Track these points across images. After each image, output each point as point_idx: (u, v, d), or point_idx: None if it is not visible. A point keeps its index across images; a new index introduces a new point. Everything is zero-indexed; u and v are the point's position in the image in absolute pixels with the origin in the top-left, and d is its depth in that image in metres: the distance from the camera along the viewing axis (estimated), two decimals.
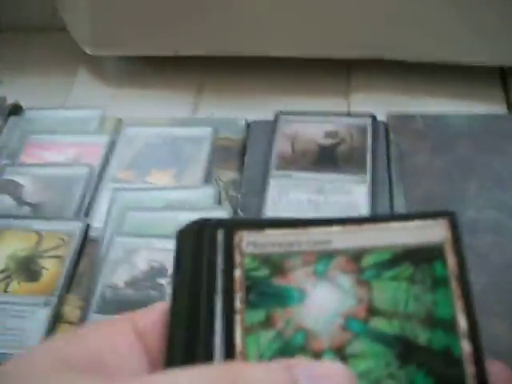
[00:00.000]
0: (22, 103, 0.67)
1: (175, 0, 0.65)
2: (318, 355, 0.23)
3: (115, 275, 0.52)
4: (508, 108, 0.63)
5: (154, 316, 0.25)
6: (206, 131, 0.60)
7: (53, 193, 0.58)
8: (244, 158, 0.58)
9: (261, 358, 0.23)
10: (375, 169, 0.55)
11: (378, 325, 0.23)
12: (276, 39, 0.66)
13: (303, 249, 0.24)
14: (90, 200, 0.57)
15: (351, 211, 0.53)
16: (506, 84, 0.65)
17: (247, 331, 0.23)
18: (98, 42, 0.69)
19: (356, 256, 0.24)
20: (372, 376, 0.22)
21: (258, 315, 0.23)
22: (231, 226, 0.25)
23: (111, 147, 0.61)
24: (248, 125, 0.61)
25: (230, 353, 0.23)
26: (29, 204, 0.58)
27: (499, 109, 0.63)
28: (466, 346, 0.22)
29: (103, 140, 0.61)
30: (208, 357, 0.23)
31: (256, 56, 0.66)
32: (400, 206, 0.53)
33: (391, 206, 0.53)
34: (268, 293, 0.24)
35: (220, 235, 0.25)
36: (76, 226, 0.55)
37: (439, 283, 0.23)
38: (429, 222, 0.24)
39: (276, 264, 0.24)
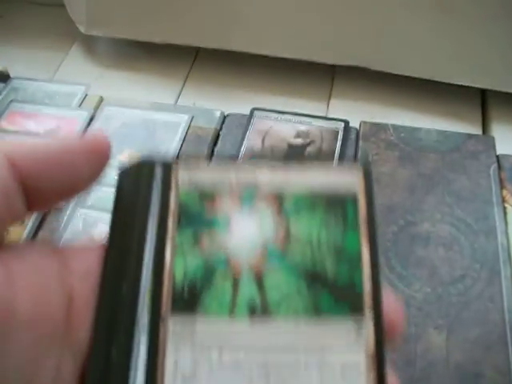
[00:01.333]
0: (12, 72, 0.69)
1: None
2: (236, 277, 0.25)
3: None
4: (483, 130, 0.64)
5: (88, 256, 0.26)
6: (182, 118, 0.61)
7: None
8: (214, 147, 0.59)
9: (186, 274, 0.25)
10: None
11: (292, 251, 0.25)
12: (266, 38, 0.67)
13: (232, 181, 0.26)
14: None
15: None
16: (485, 106, 0.66)
17: (176, 249, 0.25)
18: (92, 21, 0.70)
19: (279, 192, 0.26)
20: (282, 293, 0.25)
21: (187, 235, 0.26)
22: (168, 162, 0.27)
23: (89, 124, 0.62)
24: (224, 117, 0.61)
25: (159, 268, 0.25)
26: None
27: (474, 130, 0.63)
28: (366, 272, 0.25)
29: (82, 115, 0.62)
30: (137, 275, 0.25)
31: (244, 52, 0.67)
32: None
33: None
34: (197, 216, 0.26)
35: (158, 169, 0.27)
36: None
37: (350, 227, 0.26)
38: (345, 170, 0.27)
39: (207, 193, 0.26)
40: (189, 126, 0.60)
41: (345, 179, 0.26)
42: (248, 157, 0.56)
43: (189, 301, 0.25)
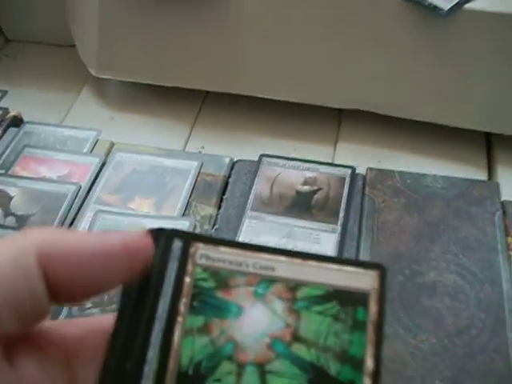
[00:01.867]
0: (23, 114, 0.70)
1: (180, 36, 0.68)
2: (241, 365, 0.25)
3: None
4: (489, 174, 0.65)
5: (102, 322, 0.27)
6: (191, 165, 0.62)
7: (39, 207, 0.60)
8: (223, 195, 0.60)
9: (192, 359, 0.26)
10: (347, 221, 0.57)
11: (298, 350, 0.26)
12: (273, 82, 0.68)
13: (249, 270, 0.27)
14: (73, 218, 0.60)
15: None
16: (490, 150, 0.67)
17: (185, 333, 0.26)
18: (103, 65, 0.72)
19: (293, 286, 0.27)
20: None
21: (198, 321, 0.26)
22: (188, 237, 0.27)
23: (100, 169, 0.63)
24: (233, 163, 0.63)
25: (166, 349, 0.26)
26: (15, 215, 0.60)
27: (480, 174, 0.64)
28: (367, 383, 0.25)
29: (94, 162, 0.64)
30: (143, 355, 0.25)
31: (252, 96, 0.69)
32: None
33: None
34: (210, 303, 0.26)
35: (177, 243, 0.27)
36: None
37: (358, 326, 0.26)
38: (361, 270, 0.27)
39: (222, 279, 0.27)
40: (198, 172, 0.61)
41: (359, 281, 0.27)
42: (257, 204, 0.57)
43: None
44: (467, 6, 0.61)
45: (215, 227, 0.57)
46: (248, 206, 0.58)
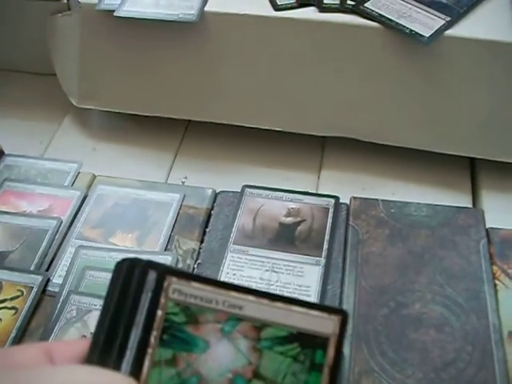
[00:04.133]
0: (4, 144, 0.69)
1: (162, 65, 0.68)
2: None
3: (67, 333, 0.53)
4: (473, 199, 0.64)
5: (71, 346, 0.28)
6: (174, 198, 0.61)
7: (19, 243, 0.60)
8: (206, 228, 0.59)
9: None
10: (330, 253, 0.56)
11: None
12: (255, 111, 0.68)
13: (218, 307, 0.28)
14: (54, 254, 0.59)
15: (302, 293, 0.54)
16: (474, 175, 0.66)
17: (154, 364, 0.27)
18: (84, 94, 0.71)
19: (259, 326, 0.28)
20: None
21: (167, 353, 0.27)
22: (162, 270, 0.28)
23: (82, 203, 0.62)
24: (215, 195, 0.62)
25: (136, 377, 0.27)
26: None
27: (465, 199, 0.64)
28: None
29: (75, 195, 0.63)
30: None
31: (235, 125, 0.68)
32: (349, 294, 0.54)
33: (341, 293, 0.54)
34: (179, 337, 0.28)
35: (151, 275, 0.28)
36: (35, 280, 0.56)
37: (315, 368, 0.27)
38: (325, 315, 0.28)
39: (192, 314, 0.28)
40: (181, 205, 0.61)
41: (322, 325, 0.28)
42: (240, 237, 0.56)
43: None
44: (448, 32, 0.60)
45: (198, 262, 0.57)
46: (231, 240, 0.57)
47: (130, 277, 0.28)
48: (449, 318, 0.52)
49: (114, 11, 0.65)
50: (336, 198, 0.60)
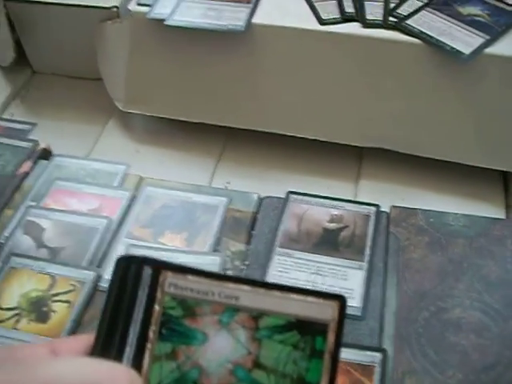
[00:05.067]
0: (51, 145, 0.72)
1: (206, 72, 0.70)
2: None
3: None
4: (506, 210, 0.67)
5: (76, 343, 0.29)
6: (220, 201, 0.64)
7: (71, 240, 0.62)
8: (252, 230, 0.62)
9: (159, 383, 0.27)
10: (373, 258, 0.59)
11: (258, 376, 0.27)
12: (295, 120, 0.70)
13: (215, 299, 0.28)
14: (105, 252, 0.61)
15: (346, 296, 0.56)
16: (507, 188, 0.69)
17: (154, 359, 0.27)
18: (130, 99, 0.74)
19: (256, 315, 0.28)
20: None
21: (166, 347, 0.28)
22: (157, 265, 0.29)
23: (130, 204, 0.65)
24: (260, 200, 0.64)
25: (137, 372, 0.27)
26: (47, 247, 0.62)
27: (498, 211, 0.66)
28: None
29: (124, 195, 0.65)
30: None
31: (275, 133, 0.71)
32: (391, 298, 0.56)
33: (383, 296, 0.56)
34: (178, 330, 0.28)
35: (147, 271, 0.29)
36: (87, 275, 0.59)
37: (316, 355, 0.27)
38: (322, 301, 0.28)
39: (189, 307, 0.28)
40: (227, 208, 0.63)
41: (320, 311, 0.28)
42: (286, 241, 0.58)
43: None
44: (487, 50, 0.63)
45: (245, 263, 0.59)
46: (276, 243, 0.60)
47: (127, 274, 0.29)
48: (487, 323, 0.55)
49: (164, 20, 0.68)
50: (377, 206, 0.63)
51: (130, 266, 0.29)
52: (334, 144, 0.70)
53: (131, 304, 0.28)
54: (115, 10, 0.74)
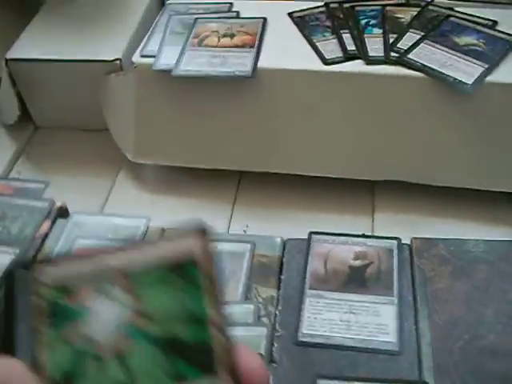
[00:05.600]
0: (62, 200, 0.72)
1: (215, 120, 0.72)
2: (106, 361, 0.27)
3: None
4: None
5: None
6: (245, 247, 0.64)
7: None
8: (281, 275, 0.63)
9: (60, 370, 0.27)
10: (401, 291, 0.60)
11: (148, 329, 0.27)
12: (305, 159, 0.72)
13: (86, 272, 0.28)
14: None
15: (381, 332, 0.57)
16: None
17: (48, 349, 0.27)
18: (141, 150, 0.75)
19: (126, 273, 0.28)
20: (145, 371, 0.27)
21: (54, 333, 0.27)
22: (28, 264, 0.28)
23: None
24: (284, 242, 0.65)
25: (37, 372, 0.27)
26: None
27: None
28: (217, 335, 0.27)
29: None
30: None
31: (288, 174, 0.72)
32: (425, 329, 0.58)
33: (416, 329, 0.58)
34: (60, 313, 0.28)
35: (20, 274, 0.29)
36: None
37: (192, 282, 0.27)
38: (181, 237, 0.28)
39: (67, 289, 0.28)
40: (253, 254, 0.64)
41: (183, 246, 0.28)
42: (314, 282, 0.59)
43: None
44: (488, 78, 0.65)
45: (279, 308, 0.60)
46: (306, 285, 0.61)
47: (3, 283, 0.29)
48: None
49: (170, 71, 0.69)
50: (398, 239, 0.64)
51: (5, 276, 0.29)
52: (345, 180, 0.72)
53: (13, 309, 0.28)
54: (118, 62, 0.75)
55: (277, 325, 0.58)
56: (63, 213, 0.71)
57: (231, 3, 0.79)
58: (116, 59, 0.75)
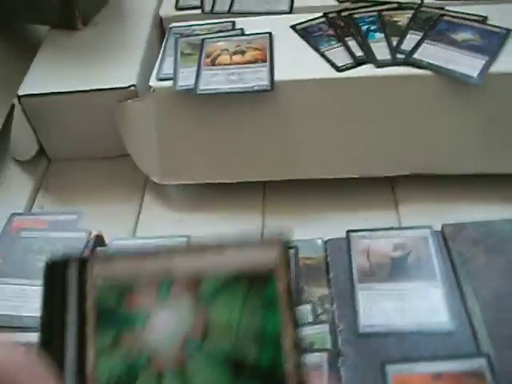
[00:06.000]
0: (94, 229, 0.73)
1: (236, 135, 0.74)
2: (159, 373, 0.25)
3: None
4: None
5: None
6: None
7: None
8: (328, 274, 0.66)
9: (109, 378, 0.25)
10: (443, 274, 0.64)
11: (212, 344, 0.25)
12: (329, 163, 0.75)
13: (148, 275, 0.26)
14: None
15: (433, 314, 0.61)
16: None
17: (99, 353, 0.25)
18: (166, 172, 0.77)
19: (195, 281, 0.26)
20: None
21: (108, 338, 0.25)
22: (82, 261, 0.27)
23: None
24: (325, 243, 0.69)
25: (82, 372, 0.25)
26: None
27: None
28: (290, 360, 0.24)
29: None
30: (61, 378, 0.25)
31: (310, 179, 0.76)
32: (474, 306, 0.62)
33: (465, 307, 0.62)
34: (116, 317, 0.26)
35: (72, 269, 0.27)
36: None
37: (270, 303, 0.25)
38: (262, 248, 0.26)
39: (123, 291, 0.26)
40: (297, 258, 0.67)
41: (262, 258, 0.26)
42: (362, 276, 0.63)
43: None
44: (491, 69, 0.70)
45: (334, 305, 0.63)
46: (355, 280, 0.64)
47: (53, 277, 0.27)
48: None
49: (191, 90, 0.72)
50: (430, 227, 0.68)
51: (52, 272, 0.27)
52: (365, 178, 0.76)
53: (62, 309, 0.27)
54: (133, 88, 0.77)
55: (336, 320, 0.61)
56: (100, 241, 0.72)
57: (233, 21, 0.82)
58: (131, 85, 0.76)
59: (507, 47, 0.74)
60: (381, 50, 0.74)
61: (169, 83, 0.73)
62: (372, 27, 0.78)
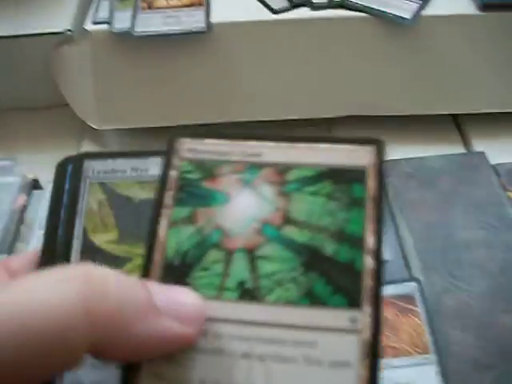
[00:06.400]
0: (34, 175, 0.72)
1: (177, 78, 0.74)
2: (229, 253, 0.24)
3: None
4: (465, 148, 0.76)
5: (26, 257, 0.29)
6: None
7: None
8: None
9: (178, 249, 0.25)
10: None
11: (289, 232, 0.24)
12: (269, 105, 0.76)
13: (235, 158, 0.26)
14: None
15: None
16: (461, 129, 0.78)
17: (171, 225, 0.25)
18: (105, 117, 0.76)
19: (282, 170, 0.25)
20: (275, 278, 0.24)
21: (184, 212, 0.25)
22: (173, 134, 0.27)
23: None
24: None
25: (151, 242, 0.25)
26: None
27: (459, 150, 0.75)
28: (368, 262, 0.23)
29: None
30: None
31: (247, 121, 0.76)
32: (405, 236, 0.63)
33: (398, 237, 0.63)
34: (196, 193, 0.26)
35: (88, 164, 0.31)
36: None
37: (355, 203, 0.24)
38: (356, 147, 0.26)
39: (208, 169, 0.26)
40: None
41: (355, 157, 0.25)
42: None
43: (178, 275, 0.24)
44: (424, 12, 0.72)
45: None
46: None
47: (64, 174, 0.29)
48: (490, 237, 0.63)
49: (129, 33, 0.71)
50: None
51: (66, 167, 0.29)
52: (301, 120, 0.76)
53: (73, 198, 0.28)
54: (69, 33, 0.75)
55: None
56: (37, 185, 0.71)
57: None
58: (67, 30, 0.75)
59: None
60: None
61: (105, 26, 0.73)
62: None
